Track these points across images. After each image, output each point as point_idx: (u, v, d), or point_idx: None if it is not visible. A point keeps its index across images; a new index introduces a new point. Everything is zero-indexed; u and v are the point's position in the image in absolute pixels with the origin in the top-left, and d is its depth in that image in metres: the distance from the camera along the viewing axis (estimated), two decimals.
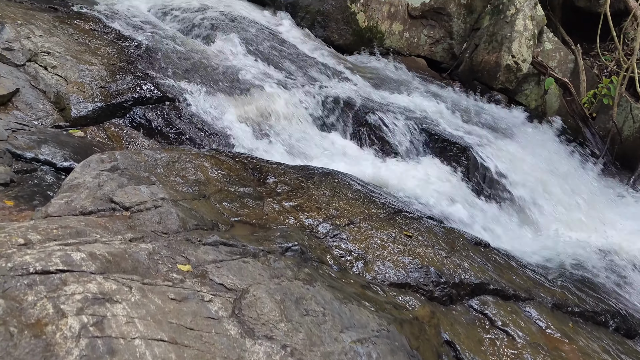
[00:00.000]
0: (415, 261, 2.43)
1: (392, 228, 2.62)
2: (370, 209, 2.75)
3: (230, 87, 4.20)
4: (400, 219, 2.76)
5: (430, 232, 2.75)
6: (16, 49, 3.59)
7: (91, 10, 5.03)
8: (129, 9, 5.43)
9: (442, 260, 2.51)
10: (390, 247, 2.47)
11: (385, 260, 2.38)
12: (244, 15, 5.77)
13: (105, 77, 3.68)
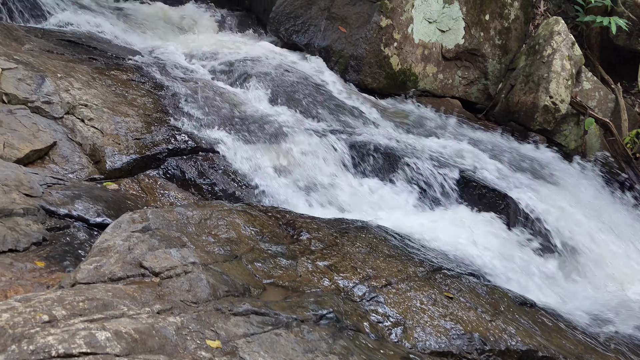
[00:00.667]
0: (458, 326, 2.27)
1: (431, 288, 2.48)
2: (408, 267, 2.61)
3: (262, 135, 4.15)
4: (440, 278, 2.61)
5: (472, 291, 2.59)
6: (55, 102, 3.63)
7: (129, 59, 5.11)
8: (166, 57, 5.51)
9: (486, 324, 2.34)
10: (430, 311, 2.32)
11: (426, 326, 2.23)
12: (276, 60, 5.78)
13: (140, 129, 3.67)
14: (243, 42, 6.35)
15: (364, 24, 5.93)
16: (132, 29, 6.50)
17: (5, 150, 3.02)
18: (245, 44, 6.24)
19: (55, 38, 5.34)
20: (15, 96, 3.49)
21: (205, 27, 7.04)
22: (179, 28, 6.97)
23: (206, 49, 5.96)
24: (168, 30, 6.80)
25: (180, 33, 6.76)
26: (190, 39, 6.35)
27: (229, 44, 6.15)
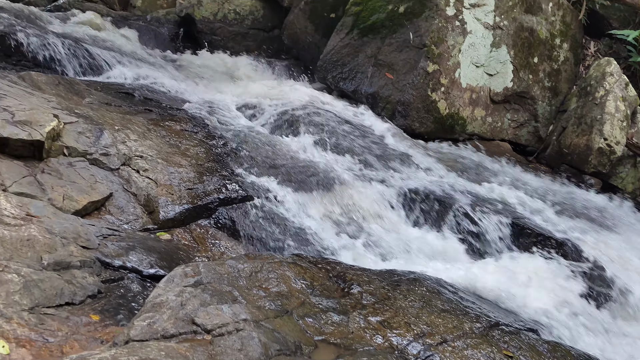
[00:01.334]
0: None
1: (489, 346, 2.35)
2: (464, 323, 2.49)
3: (311, 183, 4.14)
4: (498, 334, 2.47)
5: (533, 349, 2.44)
6: (112, 154, 3.72)
7: (183, 110, 5.24)
8: (218, 106, 5.63)
9: None
10: None
11: None
12: (324, 108, 5.82)
13: (192, 179, 3.72)
14: (292, 90, 6.43)
15: (411, 70, 5.93)
16: (186, 79, 6.71)
17: (65, 203, 3.10)
18: (293, 91, 6.32)
19: (113, 91, 5.55)
20: (75, 149, 3.60)
21: (255, 76, 7.20)
22: (231, 78, 7.15)
23: (256, 98, 6.07)
24: (220, 80, 6.98)
25: (231, 83, 6.92)
26: (241, 88, 6.50)
27: (279, 92, 6.25)
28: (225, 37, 8.18)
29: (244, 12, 8.20)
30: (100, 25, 7.56)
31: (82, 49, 6.49)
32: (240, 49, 8.18)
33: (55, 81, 5.17)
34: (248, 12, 8.21)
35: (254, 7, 8.26)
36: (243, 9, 8.21)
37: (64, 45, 6.40)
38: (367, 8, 6.48)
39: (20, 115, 3.49)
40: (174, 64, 7.35)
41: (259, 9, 8.27)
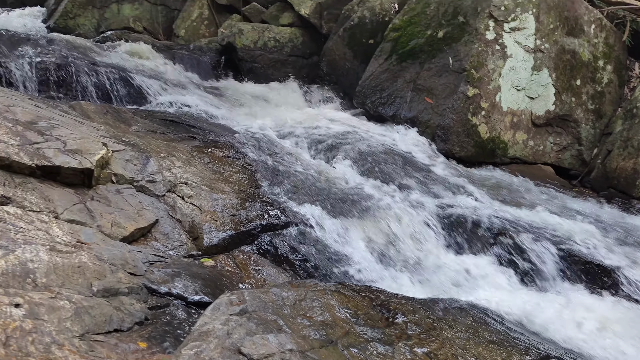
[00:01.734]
0: None
1: None
2: (513, 356, 2.41)
3: (352, 209, 4.12)
4: None
5: None
6: (158, 181, 3.80)
7: (224, 136, 5.32)
8: (258, 132, 5.70)
9: None
10: None
11: None
12: (363, 133, 5.83)
13: (235, 205, 3.75)
14: (331, 115, 6.48)
15: (451, 95, 5.89)
16: (227, 106, 6.83)
17: (113, 229, 3.16)
18: (332, 117, 6.37)
19: (158, 119, 5.69)
20: (123, 176, 3.68)
21: (295, 102, 7.28)
22: (271, 104, 7.24)
23: (296, 124, 6.12)
24: (260, 107, 7.08)
25: (272, 109, 7.01)
26: (281, 114, 6.57)
27: (318, 118, 6.29)
28: (265, 65, 8.31)
29: (284, 40, 8.33)
30: (146, 54, 7.79)
31: (129, 78, 6.69)
32: (280, 75, 8.30)
33: (104, 110, 5.34)
34: (287, 40, 8.33)
35: (294, 34, 8.38)
36: (283, 37, 8.34)
37: (111, 74, 6.62)
38: (405, 34, 6.50)
39: (71, 144, 3.60)
40: (215, 91, 7.50)
41: (298, 37, 8.39)
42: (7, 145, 3.28)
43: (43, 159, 3.32)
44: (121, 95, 6.46)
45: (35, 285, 2.32)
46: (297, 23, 8.50)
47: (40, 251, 2.48)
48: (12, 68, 6.15)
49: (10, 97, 4.31)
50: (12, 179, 3.09)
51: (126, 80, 6.67)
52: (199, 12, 9.45)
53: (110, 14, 9.78)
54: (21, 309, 2.11)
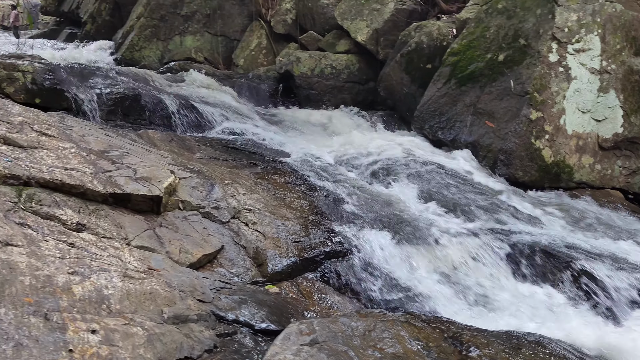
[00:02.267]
0: None
1: None
2: None
3: (416, 236, 4.02)
4: None
5: None
6: (223, 207, 3.83)
7: (285, 163, 5.35)
8: (317, 158, 5.70)
9: None
10: None
11: None
12: (422, 158, 5.73)
13: (298, 232, 3.73)
14: (388, 140, 6.42)
15: (513, 118, 5.73)
16: (285, 133, 6.89)
17: (181, 256, 3.20)
18: (390, 142, 6.30)
19: (220, 146, 5.79)
20: (189, 203, 3.74)
21: (352, 128, 7.26)
22: (328, 130, 7.26)
23: (353, 149, 6.10)
24: (318, 133, 7.11)
25: (329, 134, 7.02)
26: (339, 139, 6.56)
27: (375, 143, 6.24)
28: (322, 91, 8.37)
29: (340, 67, 8.38)
30: (207, 84, 8.00)
31: (191, 107, 6.87)
32: (337, 101, 8.34)
33: (169, 138, 5.48)
34: (344, 67, 8.38)
35: (350, 61, 8.43)
36: (339, 64, 8.39)
37: (175, 103, 6.81)
38: (464, 58, 6.41)
39: (141, 172, 3.69)
40: (273, 118, 7.60)
41: (355, 63, 8.42)
42: (82, 174, 3.39)
43: (115, 186, 3.41)
44: (184, 123, 6.63)
45: (110, 311, 2.35)
46: (354, 50, 8.54)
47: (114, 277, 2.52)
48: (84, 98, 6.43)
49: (83, 127, 4.48)
50: (86, 206, 3.18)
51: (189, 109, 6.85)
52: (257, 41, 9.66)
53: (173, 46, 10.13)
54: (97, 335, 2.14)
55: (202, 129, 6.65)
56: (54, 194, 3.13)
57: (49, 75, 6.56)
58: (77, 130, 4.11)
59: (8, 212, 2.74)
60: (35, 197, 3.01)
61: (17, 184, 3.04)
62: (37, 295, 2.20)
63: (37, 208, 2.94)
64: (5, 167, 3.05)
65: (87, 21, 12.78)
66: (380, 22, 8.17)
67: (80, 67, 7.15)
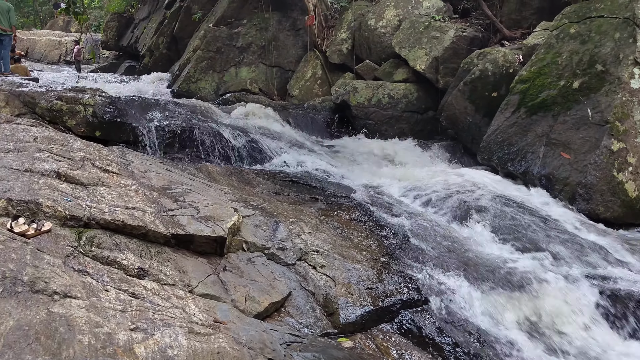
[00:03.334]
0: None
1: None
2: None
3: (497, 282, 3.61)
4: None
5: None
6: (288, 248, 3.53)
7: (347, 197, 5.04)
8: (380, 192, 5.37)
9: None
10: None
11: None
12: (493, 191, 5.31)
13: (371, 277, 3.39)
14: (454, 172, 6.03)
15: (592, 149, 5.25)
16: (344, 165, 6.60)
17: (247, 304, 2.90)
18: (456, 174, 5.91)
19: (279, 179, 5.54)
20: (253, 244, 3.46)
21: (413, 159, 6.92)
22: (388, 161, 6.93)
23: (418, 183, 5.73)
24: (378, 165, 6.79)
25: (389, 166, 6.69)
26: (400, 172, 6.22)
27: (440, 176, 5.86)
28: (380, 121, 8.08)
29: (398, 96, 8.08)
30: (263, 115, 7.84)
31: (248, 139, 6.69)
32: (394, 131, 8.02)
33: (228, 171, 5.27)
34: (402, 96, 8.07)
35: (408, 90, 8.12)
36: (397, 93, 8.09)
37: (232, 135, 6.64)
38: (534, 85, 5.99)
39: (204, 210, 3.45)
40: (331, 149, 7.34)
41: (413, 92, 8.11)
42: (144, 213, 3.17)
43: (177, 227, 3.17)
44: (242, 155, 6.44)
45: None
46: (412, 79, 8.24)
47: (179, 335, 2.24)
48: (143, 131, 6.34)
49: (144, 161, 4.31)
50: (147, 249, 2.95)
51: (246, 141, 6.67)
52: (312, 72, 9.49)
53: (228, 77, 10.09)
54: None
55: (260, 161, 6.45)
56: (115, 235, 2.92)
57: (109, 108, 6.53)
58: (138, 166, 3.93)
59: (67, 258, 2.52)
60: (96, 239, 2.80)
61: (77, 226, 2.83)
62: (97, 359, 1.94)
63: (97, 252, 2.71)
64: (66, 208, 2.85)
65: (145, 54, 12.99)
66: (440, 50, 7.85)
67: (139, 99, 7.11)
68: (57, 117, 6.28)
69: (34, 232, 2.58)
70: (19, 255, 2.31)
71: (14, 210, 2.72)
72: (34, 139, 3.85)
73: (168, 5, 13.09)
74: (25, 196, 2.80)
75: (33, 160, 3.38)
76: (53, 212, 2.79)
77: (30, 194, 2.85)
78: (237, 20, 10.47)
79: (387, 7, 8.93)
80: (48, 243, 2.57)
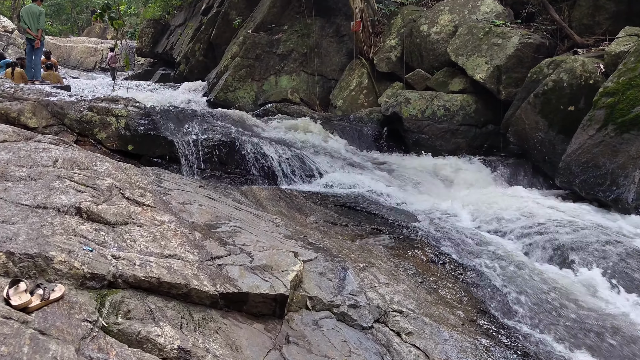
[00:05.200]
0: None
1: None
2: None
3: (622, 350, 2.76)
4: None
5: None
6: (362, 305, 2.75)
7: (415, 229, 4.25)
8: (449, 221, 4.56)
9: None
10: None
11: None
12: (584, 222, 4.43)
13: (472, 350, 2.57)
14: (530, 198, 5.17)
15: None
16: (400, 186, 5.79)
17: None
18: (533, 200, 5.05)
19: (333, 204, 4.77)
20: (319, 300, 2.68)
21: (476, 179, 6.06)
22: (447, 182, 6.09)
23: (489, 210, 4.90)
24: (437, 185, 5.95)
25: (450, 188, 5.86)
26: (465, 195, 5.39)
27: (513, 202, 5.02)
28: (434, 135, 7.24)
29: (454, 108, 7.24)
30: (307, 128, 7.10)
31: (293, 154, 5.94)
32: (450, 147, 7.17)
33: (276, 195, 4.52)
34: (459, 108, 7.23)
35: (465, 101, 7.26)
36: (453, 105, 7.25)
37: (275, 151, 5.90)
38: (624, 99, 5.10)
39: (259, 257, 2.69)
40: (383, 166, 6.53)
41: (471, 104, 7.25)
42: (185, 264, 2.42)
43: (227, 282, 2.41)
44: (287, 173, 5.70)
45: None
46: (469, 89, 7.38)
47: None
48: (179, 146, 5.65)
49: (182, 187, 3.59)
50: (190, 316, 2.20)
51: (291, 156, 5.92)
52: (357, 81, 8.71)
53: (268, 86, 9.38)
54: None
55: (307, 180, 5.69)
56: (148, 297, 2.18)
57: (143, 120, 5.85)
58: (176, 195, 3.20)
59: (83, 343, 1.78)
60: (123, 306, 2.06)
61: (99, 287, 2.10)
62: None
63: (124, 326, 1.97)
64: (85, 263, 2.12)
65: (181, 61, 12.40)
66: (502, 58, 6.98)
67: (175, 110, 6.43)
68: (87, 129, 5.63)
69: (39, 302, 1.85)
70: (11, 349, 1.58)
71: (16, 268, 2.00)
72: (54, 161, 3.16)
73: (205, 11, 12.48)
74: (31, 247, 2.08)
75: (49, 191, 2.67)
76: (68, 270, 2.06)
77: (39, 243, 2.13)
78: (277, 26, 9.77)
79: (442, 11, 8.10)
80: (58, 319, 1.83)
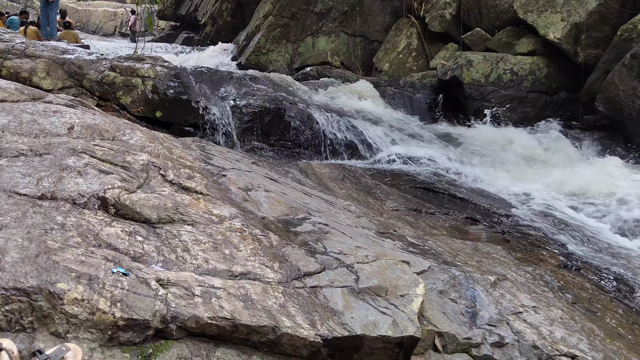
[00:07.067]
0: None
1: None
2: None
3: None
4: None
5: None
6: (509, 343, 1.85)
7: (514, 218, 3.34)
8: (556, 211, 3.64)
9: None
10: None
11: None
12: None
13: None
14: (628, 175, 4.26)
15: None
16: (474, 162, 4.84)
17: None
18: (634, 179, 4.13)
19: (406, 185, 3.86)
20: (452, 337, 1.80)
21: (558, 155, 5.10)
22: (525, 157, 5.13)
23: (593, 193, 3.98)
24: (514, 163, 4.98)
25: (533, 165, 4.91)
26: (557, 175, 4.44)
27: (621, 183, 4.09)
28: (498, 103, 6.23)
29: (523, 72, 6.20)
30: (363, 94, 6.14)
31: (348, 124, 5.00)
32: (516, 117, 6.16)
33: (339, 174, 3.62)
34: (528, 72, 6.19)
35: (536, 65, 6.22)
36: (521, 68, 6.21)
37: (326, 120, 4.96)
38: None
39: (365, 273, 1.79)
40: (447, 138, 5.56)
41: (542, 68, 6.20)
42: (264, 288, 1.54)
43: (330, 317, 1.53)
44: (342, 146, 4.77)
45: None
46: (540, 51, 6.32)
47: None
48: (215, 112, 4.74)
49: (234, 163, 2.68)
50: None
51: (343, 127, 4.99)
52: (406, 42, 7.66)
53: (304, 49, 8.36)
54: None
55: (366, 155, 4.76)
56: (217, 352, 1.30)
57: (173, 82, 4.92)
58: (234, 178, 2.29)
59: None
60: None
61: (140, 341, 1.23)
62: None
63: None
64: (116, 300, 1.24)
65: (207, 23, 11.36)
66: (582, 14, 5.90)
67: (208, 72, 5.49)
68: (109, 92, 4.71)
69: None
70: None
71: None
72: (68, 129, 2.26)
73: None
74: (26, 275, 1.20)
75: (60, 173, 1.78)
76: (88, 315, 1.19)
77: (40, 264, 1.25)
78: None
79: None
80: None
